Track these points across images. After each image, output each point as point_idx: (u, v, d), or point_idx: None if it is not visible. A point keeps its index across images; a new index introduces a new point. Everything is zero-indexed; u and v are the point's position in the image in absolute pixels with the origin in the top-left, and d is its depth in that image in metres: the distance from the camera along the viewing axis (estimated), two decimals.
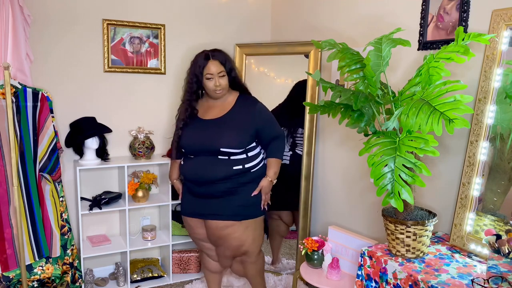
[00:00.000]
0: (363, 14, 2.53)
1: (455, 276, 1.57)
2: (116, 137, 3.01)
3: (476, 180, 1.78)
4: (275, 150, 2.42)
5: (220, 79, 2.29)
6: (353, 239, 2.33)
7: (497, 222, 1.72)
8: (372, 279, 1.77)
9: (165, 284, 3.04)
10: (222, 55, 2.33)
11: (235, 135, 2.28)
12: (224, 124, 2.31)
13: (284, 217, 3.14)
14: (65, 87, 2.84)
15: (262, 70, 3.22)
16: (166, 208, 3.02)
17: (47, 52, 2.75)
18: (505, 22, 1.71)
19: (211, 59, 2.29)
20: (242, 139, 2.28)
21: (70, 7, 2.79)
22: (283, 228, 3.16)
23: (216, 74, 2.29)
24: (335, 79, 2.72)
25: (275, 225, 3.15)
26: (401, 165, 1.53)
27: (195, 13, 3.19)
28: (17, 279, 2.42)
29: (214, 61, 2.29)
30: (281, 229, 3.16)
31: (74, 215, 2.90)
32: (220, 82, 2.29)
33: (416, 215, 1.75)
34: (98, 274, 3.08)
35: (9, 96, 2.22)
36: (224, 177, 2.28)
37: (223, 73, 2.30)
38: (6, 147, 2.36)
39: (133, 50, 3.00)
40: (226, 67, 2.32)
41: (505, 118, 1.72)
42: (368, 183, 2.52)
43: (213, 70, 2.28)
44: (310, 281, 2.32)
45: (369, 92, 1.73)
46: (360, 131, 1.84)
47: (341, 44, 1.86)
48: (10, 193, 2.39)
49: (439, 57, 1.59)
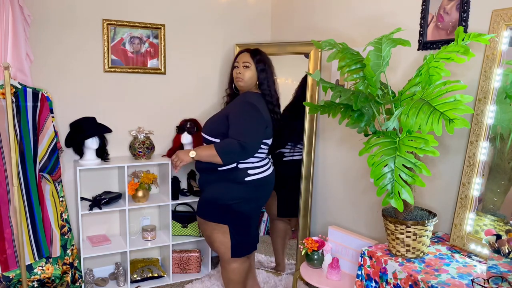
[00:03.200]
0: (363, 14, 2.53)
1: (455, 276, 1.56)
2: (116, 137, 3.01)
3: (476, 180, 1.78)
4: (221, 143, 2.23)
5: (244, 70, 2.35)
6: (353, 239, 2.33)
7: (497, 222, 1.72)
8: (372, 279, 1.77)
9: (165, 284, 3.04)
10: (258, 52, 2.41)
11: (211, 122, 2.38)
12: (216, 114, 2.44)
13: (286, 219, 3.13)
14: (65, 87, 2.84)
15: None
16: (166, 208, 3.02)
17: (47, 52, 2.75)
18: (505, 22, 1.71)
19: (245, 52, 2.40)
20: (214, 125, 2.34)
21: (70, 7, 2.79)
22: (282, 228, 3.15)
23: (241, 63, 2.36)
24: (335, 79, 2.72)
25: (276, 226, 3.14)
26: (401, 165, 1.53)
27: (195, 13, 3.19)
28: (17, 279, 2.42)
29: (246, 53, 2.39)
30: (281, 230, 3.14)
31: (74, 215, 2.90)
32: (242, 71, 2.35)
33: (416, 215, 1.75)
34: (98, 274, 3.08)
35: (9, 96, 2.22)
36: (198, 169, 2.38)
37: (248, 64, 2.35)
38: (6, 147, 2.36)
39: (133, 50, 3.00)
40: (256, 62, 2.36)
41: (505, 118, 1.72)
42: (368, 183, 2.52)
43: (241, 59, 2.38)
44: (310, 281, 2.32)
45: (369, 92, 1.73)
46: (360, 131, 1.84)
47: (341, 44, 1.86)
48: (10, 193, 2.39)
49: (439, 57, 1.59)
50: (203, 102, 3.29)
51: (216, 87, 3.32)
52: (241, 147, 2.19)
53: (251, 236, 2.45)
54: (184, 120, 3.13)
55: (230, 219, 2.31)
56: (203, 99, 3.28)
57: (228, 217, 2.31)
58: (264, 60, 2.39)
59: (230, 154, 2.21)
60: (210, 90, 3.31)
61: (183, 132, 3.04)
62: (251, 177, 2.29)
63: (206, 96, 3.29)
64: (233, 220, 2.31)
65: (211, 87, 3.32)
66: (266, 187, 2.41)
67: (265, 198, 2.48)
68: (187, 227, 3.12)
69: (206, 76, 3.28)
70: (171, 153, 3.06)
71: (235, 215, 2.30)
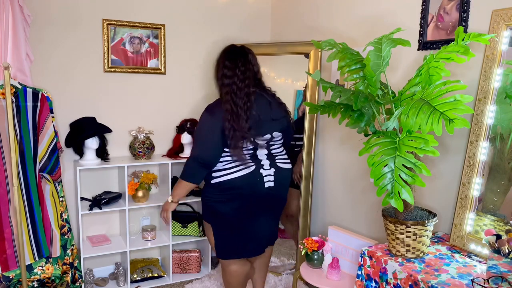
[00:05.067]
0: (363, 14, 2.53)
1: (455, 276, 1.56)
2: (116, 137, 3.01)
3: (476, 180, 1.78)
4: (183, 169, 2.28)
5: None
6: (353, 239, 2.33)
7: (497, 222, 1.72)
8: (372, 279, 1.77)
9: (165, 284, 3.03)
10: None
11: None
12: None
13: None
14: (65, 87, 2.84)
15: (262, 70, 3.20)
16: None
17: (47, 52, 2.75)
18: (505, 22, 1.71)
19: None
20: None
21: (70, 7, 2.79)
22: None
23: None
24: (335, 79, 2.72)
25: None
26: (401, 165, 1.53)
27: (195, 13, 3.19)
28: (17, 279, 2.42)
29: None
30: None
31: (74, 215, 2.90)
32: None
33: (416, 215, 1.75)
34: (98, 274, 3.08)
35: (9, 96, 2.22)
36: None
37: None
38: (6, 147, 2.36)
39: (133, 50, 3.00)
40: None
41: (505, 118, 1.72)
42: (368, 183, 2.52)
43: None
44: (310, 281, 2.32)
45: (369, 92, 1.73)
46: (360, 131, 1.84)
47: (341, 44, 1.86)
48: (10, 193, 2.39)
49: (439, 57, 1.59)
50: (203, 102, 3.28)
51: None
52: (196, 162, 2.21)
53: (238, 242, 2.33)
54: (184, 120, 3.13)
55: (212, 219, 2.36)
56: (203, 99, 3.28)
57: (211, 217, 2.35)
58: (217, 59, 2.30)
59: (193, 174, 2.25)
60: (210, 90, 3.31)
61: (183, 132, 3.04)
62: (215, 179, 2.24)
63: (206, 96, 3.29)
64: (214, 220, 2.34)
65: (211, 87, 3.31)
66: (235, 191, 2.21)
67: (243, 201, 2.23)
68: (187, 227, 3.12)
69: (206, 76, 3.28)
70: (171, 153, 3.06)
71: (215, 215, 2.32)
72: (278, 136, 2.32)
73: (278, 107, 2.34)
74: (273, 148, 2.33)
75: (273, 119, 2.28)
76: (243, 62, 2.23)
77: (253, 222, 2.29)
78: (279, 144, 2.37)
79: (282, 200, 2.42)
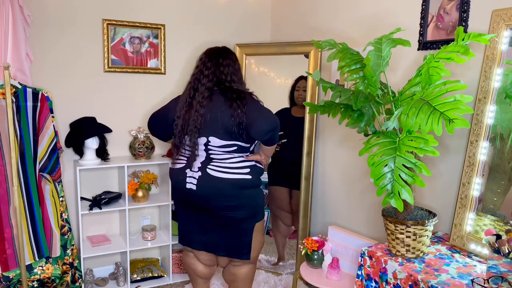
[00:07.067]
0: (363, 14, 2.53)
1: (455, 276, 1.57)
2: (116, 137, 3.01)
3: (476, 180, 1.78)
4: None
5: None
6: (353, 239, 2.33)
7: (497, 222, 1.72)
8: (372, 279, 1.77)
9: (165, 284, 3.04)
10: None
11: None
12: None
13: (283, 219, 3.15)
14: (65, 87, 2.84)
15: (262, 70, 3.22)
16: (166, 208, 3.02)
17: (47, 52, 2.75)
18: (505, 22, 1.71)
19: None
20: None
21: (70, 7, 2.79)
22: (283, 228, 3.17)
23: None
24: (335, 79, 2.72)
25: (276, 224, 3.17)
26: (401, 165, 1.53)
27: (195, 13, 3.19)
28: (17, 279, 2.42)
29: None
30: (281, 229, 3.17)
31: (74, 215, 2.90)
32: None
33: (416, 215, 1.75)
34: (98, 274, 3.08)
35: (9, 96, 2.22)
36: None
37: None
38: (6, 147, 2.36)
39: (133, 50, 3.00)
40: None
41: (505, 118, 1.72)
42: (368, 183, 2.52)
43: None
44: (310, 281, 2.32)
45: (369, 92, 1.73)
46: (360, 131, 1.84)
47: (341, 44, 1.86)
48: (10, 193, 2.39)
49: (439, 57, 1.59)
50: None
51: None
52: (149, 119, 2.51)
53: (182, 228, 2.45)
54: None
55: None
56: None
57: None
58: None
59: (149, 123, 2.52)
60: None
61: None
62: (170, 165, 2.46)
63: None
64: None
65: None
66: (171, 181, 2.39)
67: (175, 193, 2.37)
68: None
69: None
70: (171, 153, 3.05)
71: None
72: (218, 143, 2.20)
73: (232, 115, 2.16)
74: (215, 154, 2.23)
75: (217, 125, 2.19)
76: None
77: (189, 216, 2.39)
78: (223, 152, 2.22)
79: (219, 210, 2.23)
